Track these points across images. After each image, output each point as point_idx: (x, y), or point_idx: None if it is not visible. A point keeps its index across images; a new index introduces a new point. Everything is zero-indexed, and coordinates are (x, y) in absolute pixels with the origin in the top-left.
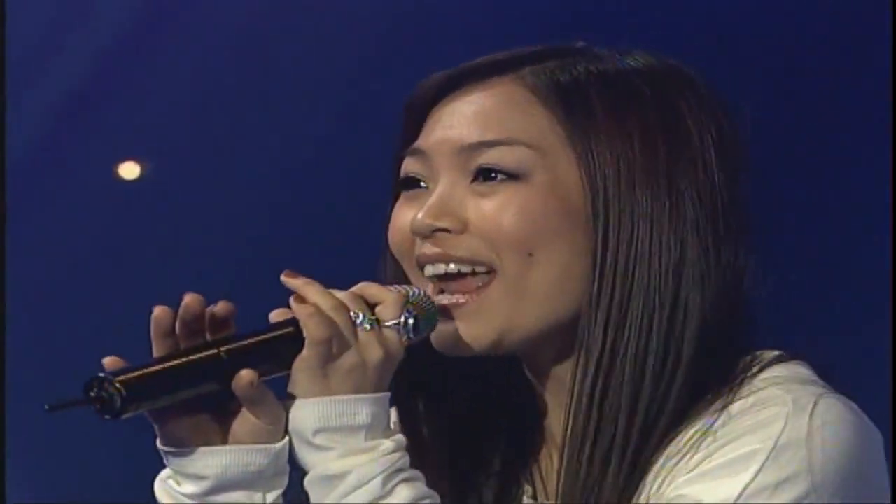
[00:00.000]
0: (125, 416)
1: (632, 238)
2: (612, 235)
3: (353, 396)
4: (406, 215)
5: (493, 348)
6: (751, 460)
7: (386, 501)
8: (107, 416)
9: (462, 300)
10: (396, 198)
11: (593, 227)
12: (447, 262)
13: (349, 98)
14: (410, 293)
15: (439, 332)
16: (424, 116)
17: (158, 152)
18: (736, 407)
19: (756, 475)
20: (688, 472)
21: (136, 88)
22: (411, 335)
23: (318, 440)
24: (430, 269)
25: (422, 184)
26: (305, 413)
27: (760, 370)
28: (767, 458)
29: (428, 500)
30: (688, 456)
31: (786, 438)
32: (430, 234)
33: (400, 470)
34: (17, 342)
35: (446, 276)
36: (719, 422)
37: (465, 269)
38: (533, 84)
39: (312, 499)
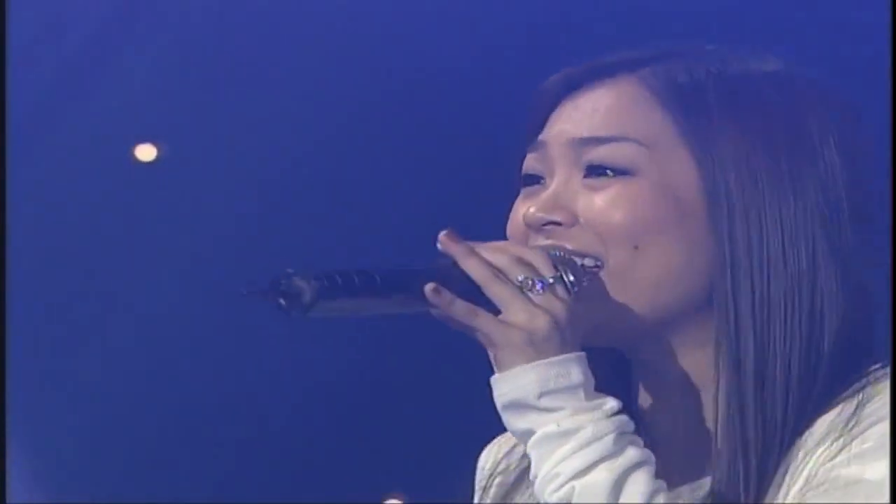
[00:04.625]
0: (311, 312)
1: (762, 238)
2: (740, 237)
3: (560, 357)
4: (524, 208)
5: (595, 338)
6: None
7: (618, 459)
8: (293, 313)
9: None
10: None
11: (713, 227)
12: (569, 252)
13: (365, 82)
14: (551, 252)
15: None
16: (547, 114)
17: (175, 134)
18: (878, 396)
19: None
20: (837, 455)
21: (153, 70)
22: (574, 289)
23: (545, 402)
24: (567, 256)
25: (540, 180)
26: (525, 380)
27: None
28: None
29: (650, 464)
30: (831, 442)
31: None
32: (541, 227)
33: (628, 431)
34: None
35: None
36: (864, 404)
37: (576, 261)
38: (651, 83)
39: (538, 458)
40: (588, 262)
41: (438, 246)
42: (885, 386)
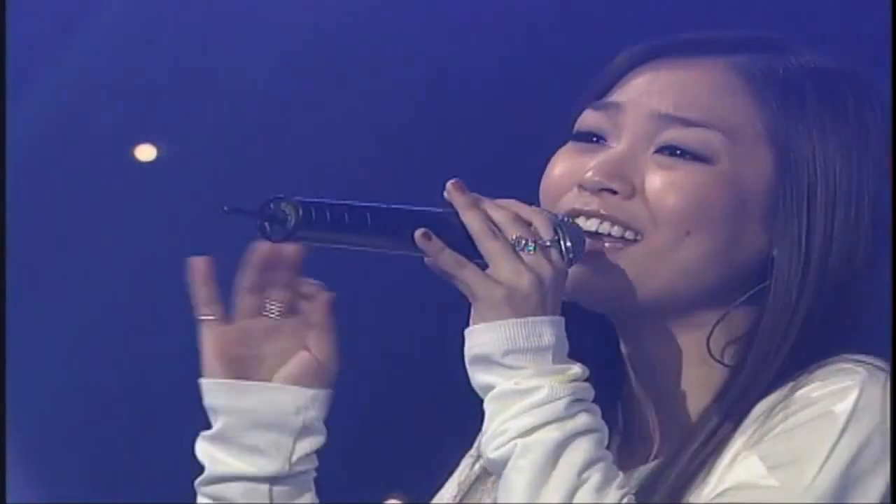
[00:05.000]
0: (295, 237)
1: (823, 244)
2: (803, 238)
3: (536, 318)
4: (573, 163)
5: (617, 301)
6: (836, 421)
7: (567, 423)
8: (276, 237)
9: (608, 245)
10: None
11: (766, 226)
12: (603, 221)
13: (364, 83)
14: (558, 216)
15: (571, 272)
16: (620, 77)
17: (175, 135)
18: (816, 373)
19: (841, 434)
20: (775, 430)
21: (153, 71)
22: (570, 256)
23: (509, 360)
24: (582, 222)
25: (600, 139)
26: (494, 336)
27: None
28: (849, 419)
29: (600, 433)
30: (767, 417)
31: (864, 402)
32: (597, 191)
33: (584, 399)
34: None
35: (595, 234)
36: (803, 383)
37: (618, 232)
38: (747, 72)
39: (491, 412)
40: (629, 234)
41: (445, 194)
42: (821, 371)
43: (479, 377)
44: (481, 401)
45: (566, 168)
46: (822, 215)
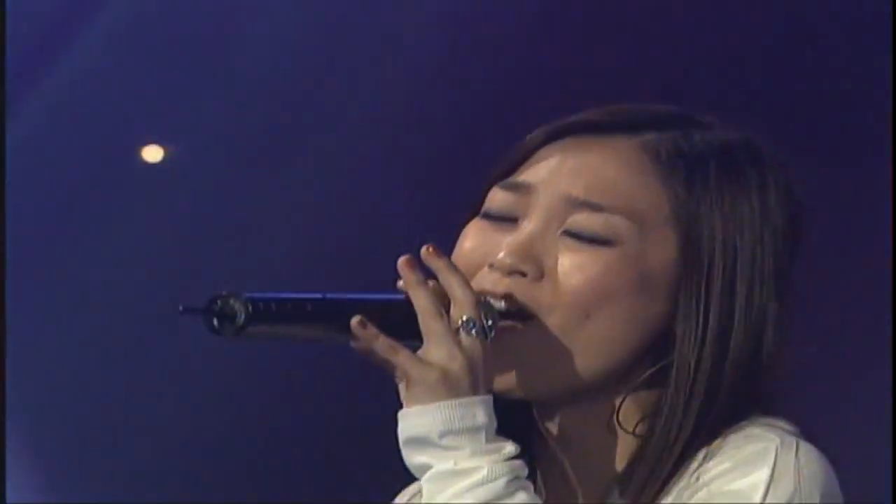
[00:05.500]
0: (244, 333)
1: (721, 322)
2: (701, 316)
3: (470, 398)
4: (484, 240)
5: (522, 384)
6: (756, 489)
7: (506, 501)
8: (226, 332)
9: (509, 328)
10: (471, 217)
11: (670, 304)
12: (509, 302)
13: (373, 85)
14: (481, 297)
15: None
16: (529, 155)
17: (182, 136)
18: (729, 440)
19: (765, 496)
20: (698, 494)
21: (159, 72)
22: (491, 335)
23: (446, 441)
24: (493, 303)
25: (512, 220)
26: (430, 418)
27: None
28: (768, 487)
29: None
30: (683, 488)
31: (779, 470)
32: (507, 273)
33: (521, 476)
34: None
35: (503, 315)
36: (716, 451)
37: (520, 315)
38: (656, 151)
39: (430, 491)
40: (530, 317)
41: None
42: (734, 437)
43: (414, 458)
44: None
45: (477, 245)
46: (720, 294)
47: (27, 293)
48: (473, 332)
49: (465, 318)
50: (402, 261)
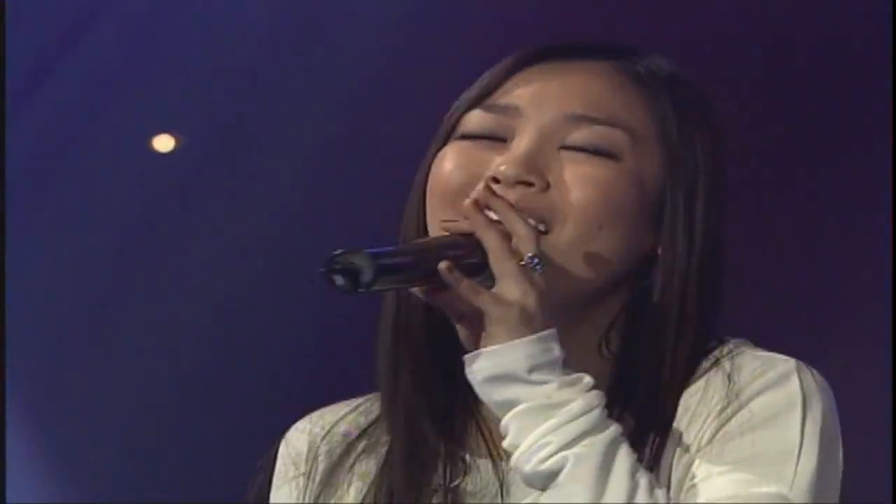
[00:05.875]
0: (372, 288)
1: (705, 236)
2: (680, 237)
3: (546, 332)
4: (470, 159)
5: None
6: (794, 407)
7: (606, 431)
8: (356, 289)
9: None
10: (440, 148)
11: (660, 221)
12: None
13: (387, 73)
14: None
15: None
16: (504, 80)
17: (193, 125)
18: (744, 367)
19: (804, 417)
20: (726, 424)
21: (171, 60)
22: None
23: (535, 376)
24: (493, 215)
25: (495, 139)
26: (516, 354)
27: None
28: (804, 404)
29: (626, 444)
30: (719, 411)
31: (806, 386)
32: (513, 184)
33: (605, 404)
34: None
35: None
36: (734, 377)
37: (532, 224)
38: (636, 72)
39: (519, 428)
40: (542, 227)
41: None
42: (745, 360)
43: (498, 395)
44: None
45: (464, 163)
46: (703, 213)
47: (31, 287)
48: (539, 268)
49: (530, 255)
50: (469, 203)
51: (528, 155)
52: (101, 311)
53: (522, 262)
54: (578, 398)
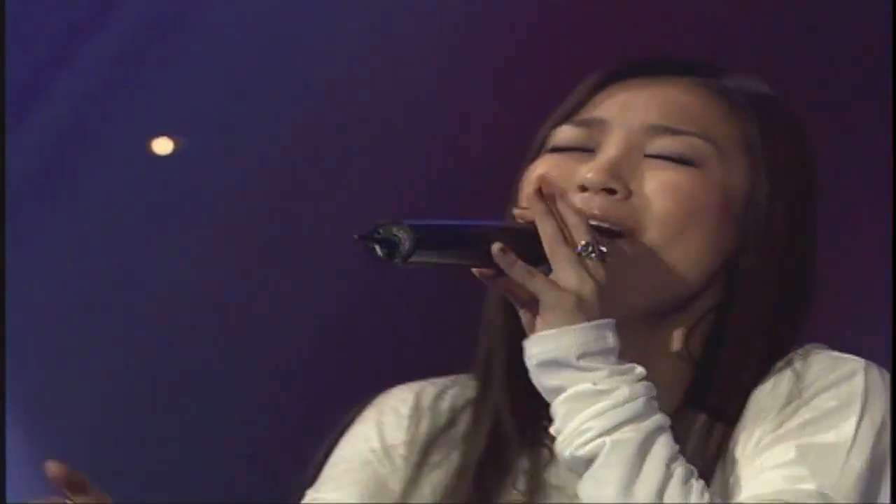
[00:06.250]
0: (409, 260)
1: (787, 244)
2: (765, 249)
3: (601, 321)
4: (560, 169)
5: (612, 298)
6: (852, 405)
7: (647, 420)
8: (394, 260)
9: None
10: (530, 162)
11: (744, 229)
12: (603, 222)
13: (383, 75)
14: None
15: None
16: (590, 97)
17: (192, 128)
18: (813, 365)
19: (861, 415)
20: (790, 419)
21: (170, 63)
22: (607, 259)
23: (584, 363)
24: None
25: (582, 151)
26: (567, 340)
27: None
28: (864, 404)
29: (670, 431)
30: (782, 407)
31: (871, 386)
32: (598, 191)
33: (654, 397)
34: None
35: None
36: (802, 375)
37: (614, 230)
38: (719, 87)
39: (566, 412)
40: (625, 233)
41: (523, 198)
42: (816, 359)
43: (549, 380)
44: None
45: (553, 173)
46: (788, 218)
47: (30, 290)
48: (593, 256)
49: (583, 243)
50: (531, 191)
51: (612, 162)
52: (98, 311)
53: (577, 250)
54: (625, 386)
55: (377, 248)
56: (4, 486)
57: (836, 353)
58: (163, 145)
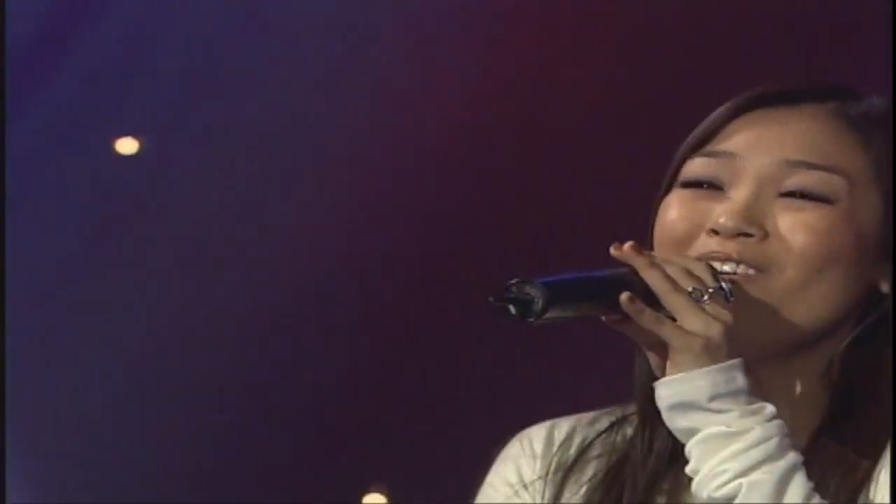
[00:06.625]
0: (544, 317)
1: None
2: None
3: (730, 363)
4: (692, 209)
5: (752, 335)
6: None
7: (782, 459)
8: (527, 318)
9: (745, 284)
10: (666, 193)
11: (883, 259)
12: (740, 264)
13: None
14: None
15: None
16: (722, 127)
17: (156, 128)
18: None
19: None
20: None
21: (135, 63)
22: (731, 298)
23: (715, 405)
24: (719, 266)
25: (714, 186)
26: (698, 384)
27: None
28: None
29: (804, 469)
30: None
31: None
32: (733, 235)
33: (787, 435)
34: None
35: (733, 276)
36: None
37: (752, 273)
38: (847, 115)
39: (700, 454)
40: (752, 272)
41: (616, 254)
42: None
43: (681, 422)
44: (463, 400)
45: (686, 213)
46: None
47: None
48: (705, 298)
49: (691, 289)
50: (628, 247)
51: (746, 205)
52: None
53: (691, 294)
54: (758, 427)
55: (511, 307)
56: (4, 486)
57: None
58: (127, 145)
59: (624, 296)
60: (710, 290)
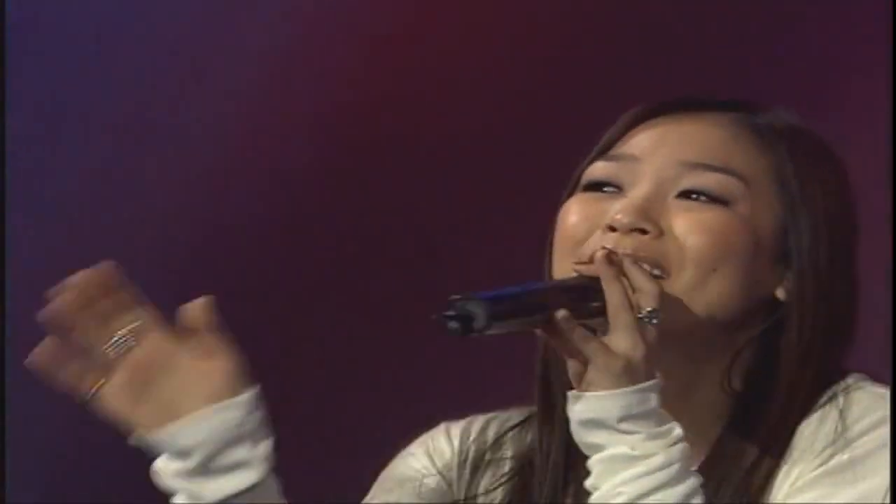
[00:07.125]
0: (486, 332)
1: (831, 274)
2: (808, 280)
3: (646, 384)
4: (590, 209)
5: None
6: (886, 450)
7: (680, 486)
8: (468, 334)
9: (654, 273)
10: (568, 198)
11: (783, 265)
12: (639, 261)
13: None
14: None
15: None
16: (624, 133)
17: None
18: (854, 404)
19: (893, 461)
20: (826, 463)
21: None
22: (661, 317)
23: (624, 426)
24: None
25: (614, 188)
26: (611, 403)
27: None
28: (893, 443)
29: (701, 496)
30: (822, 447)
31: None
32: (628, 231)
33: (687, 458)
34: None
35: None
36: (844, 413)
37: (657, 272)
38: (752, 123)
39: (602, 472)
40: (657, 272)
41: (577, 268)
42: (858, 397)
43: (589, 438)
44: (461, 400)
45: (584, 214)
46: (827, 252)
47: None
48: (654, 321)
49: (648, 310)
50: (601, 254)
51: (643, 202)
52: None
53: (640, 315)
54: (661, 452)
55: (452, 323)
56: (4, 486)
57: (879, 389)
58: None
59: (562, 313)
60: (659, 314)
